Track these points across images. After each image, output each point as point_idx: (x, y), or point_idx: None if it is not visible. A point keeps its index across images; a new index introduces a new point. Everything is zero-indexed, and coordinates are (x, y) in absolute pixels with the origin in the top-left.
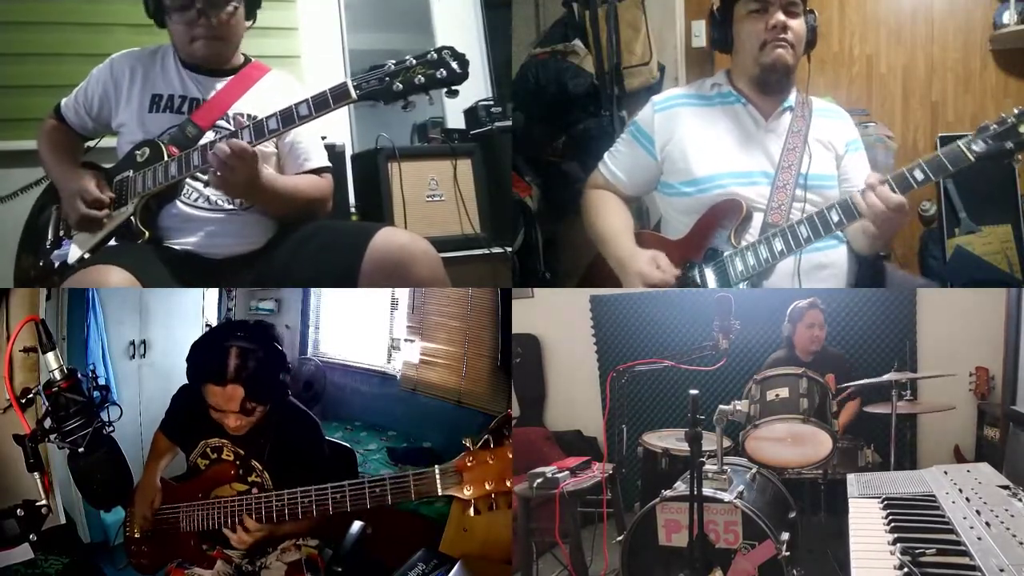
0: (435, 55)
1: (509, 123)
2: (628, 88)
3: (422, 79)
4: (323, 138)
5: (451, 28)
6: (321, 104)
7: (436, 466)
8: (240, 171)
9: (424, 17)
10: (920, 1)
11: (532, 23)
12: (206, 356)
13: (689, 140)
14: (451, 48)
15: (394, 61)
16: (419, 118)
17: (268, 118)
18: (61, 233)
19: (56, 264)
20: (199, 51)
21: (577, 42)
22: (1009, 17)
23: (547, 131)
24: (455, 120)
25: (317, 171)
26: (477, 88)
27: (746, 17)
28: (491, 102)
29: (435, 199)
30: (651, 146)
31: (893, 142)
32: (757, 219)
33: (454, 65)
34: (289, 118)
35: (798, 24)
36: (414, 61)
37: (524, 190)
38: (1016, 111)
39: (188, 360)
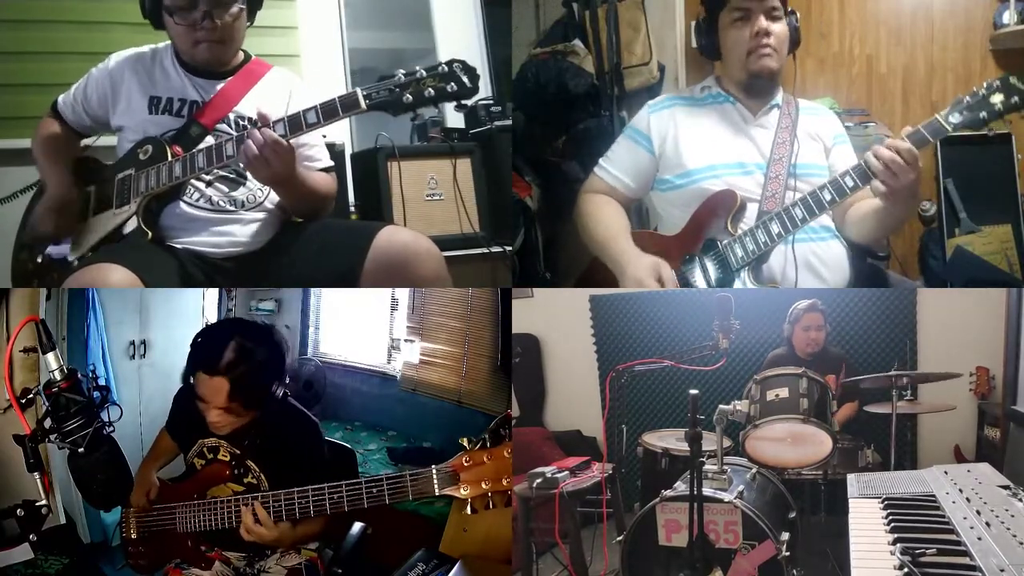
0: (446, 68)
1: (509, 123)
2: (628, 88)
3: (432, 92)
4: (323, 136)
5: (451, 27)
6: (330, 112)
7: (433, 466)
8: (275, 163)
9: (424, 16)
10: (920, 1)
11: (532, 23)
12: (206, 343)
13: (682, 135)
14: (462, 62)
15: (404, 72)
16: (424, 117)
17: (275, 123)
18: None
19: (55, 259)
20: (201, 55)
21: (577, 42)
22: (1009, 17)
23: (547, 131)
24: (455, 119)
25: (324, 171)
26: None
27: (731, 25)
28: (491, 101)
29: (435, 198)
30: (649, 144)
31: None
32: (752, 209)
33: (465, 79)
34: (297, 124)
35: (780, 28)
36: (424, 73)
37: (524, 190)
38: (986, 83)
39: (190, 346)
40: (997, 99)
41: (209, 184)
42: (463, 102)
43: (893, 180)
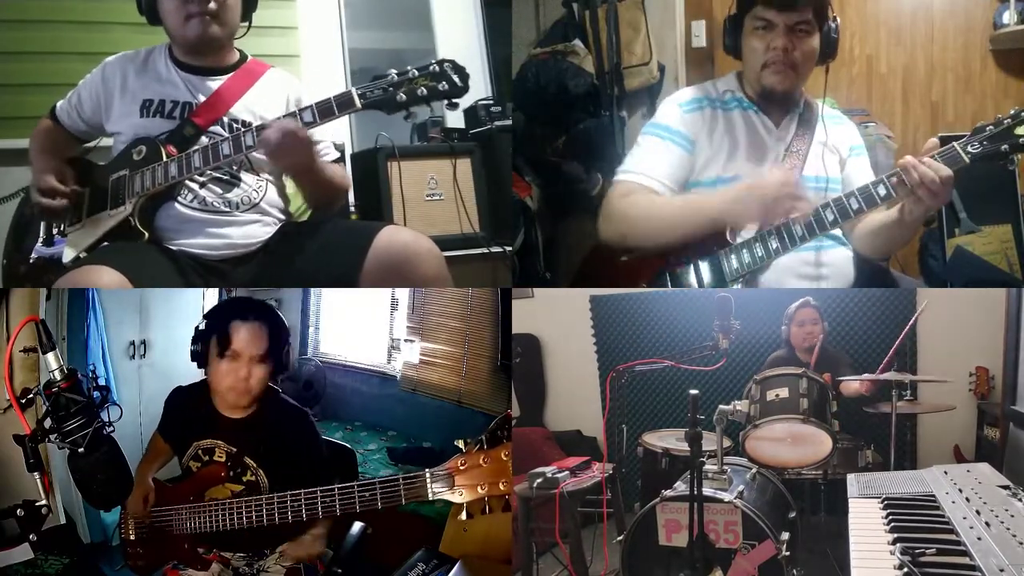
0: (437, 67)
1: (509, 123)
2: (628, 88)
3: (424, 91)
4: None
5: (451, 27)
6: (326, 111)
7: (427, 470)
8: (296, 153)
9: (424, 16)
10: (920, 1)
11: (532, 23)
12: (231, 302)
13: (714, 141)
14: (452, 61)
15: (396, 71)
16: (418, 117)
17: (271, 123)
18: (55, 231)
19: (50, 259)
20: (193, 31)
21: (577, 42)
22: (1009, 17)
23: (547, 131)
24: (455, 119)
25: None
26: (477, 88)
27: (752, 33)
28: (491, 102)
29: (435, 198)
30: (687, 143)
31: (893, 142)
32: None
33: (455, 78)
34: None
35: (807, 43)
36: (416, 72)
37: (524, 190)
38: (1012, 112)
39: (207, 315)
40: (1023, 130)
41: (203, 185)
42: (454, 101)
43: (931, 200)
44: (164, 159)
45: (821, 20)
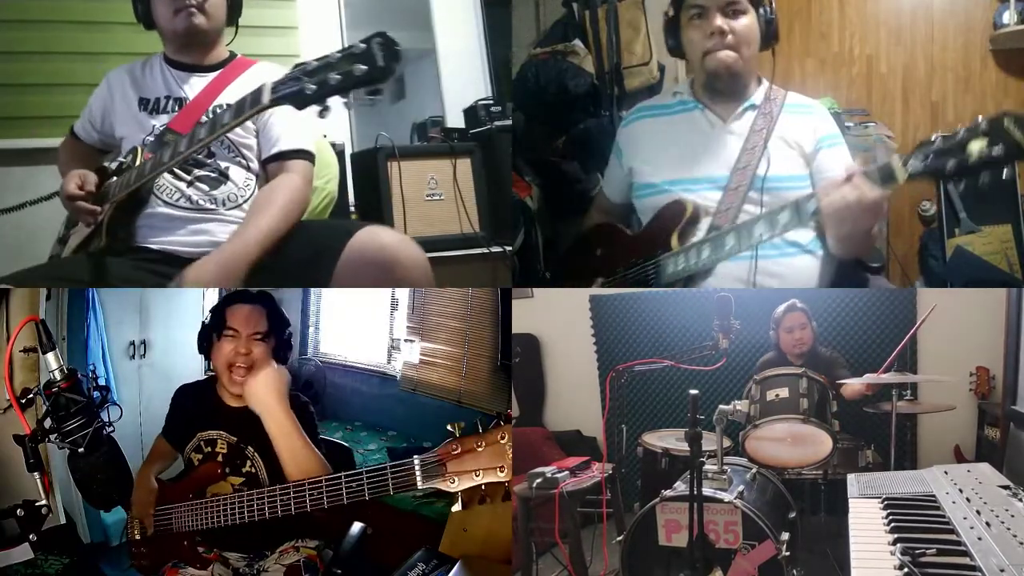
0: (362, 46)
1: (509, 123)
2: (628, 88)
3: (337, 77)
4: (322, 136)
5: (451, 27)
6: (239, 109)
7: (416, 456)
8: None
9: (424, 16)
10: (920, 1)
11: (532, 23)
12: (231, 294)
13: (645, 150)
14: (383, 35)
15: (317, 57)
16: (418, 117)
17: (199, 127)
18: (63, 231)
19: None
20: (182, 23)
21: (577, 42)
22: (1009, 17)
23: (547, 131)
24: (455, 119)
25: (285, 155)
26: (477, 88)
27: (689, 24)
28: (491, 101)
29: (434, 198)
30: (620, 158)
31: (893, 142)
32: (707, 223)
33: (378, 58)
34: (214, 126)
35: (743, 23)
36: (338, 55)
37: (524, 190)
38: (973, 122)
39: (212, 309)
40: (976, 147)
41: (190, 184)
42: (377, 87)
43: (851, 225)
44: (135, 166)
45: (754, 1)
